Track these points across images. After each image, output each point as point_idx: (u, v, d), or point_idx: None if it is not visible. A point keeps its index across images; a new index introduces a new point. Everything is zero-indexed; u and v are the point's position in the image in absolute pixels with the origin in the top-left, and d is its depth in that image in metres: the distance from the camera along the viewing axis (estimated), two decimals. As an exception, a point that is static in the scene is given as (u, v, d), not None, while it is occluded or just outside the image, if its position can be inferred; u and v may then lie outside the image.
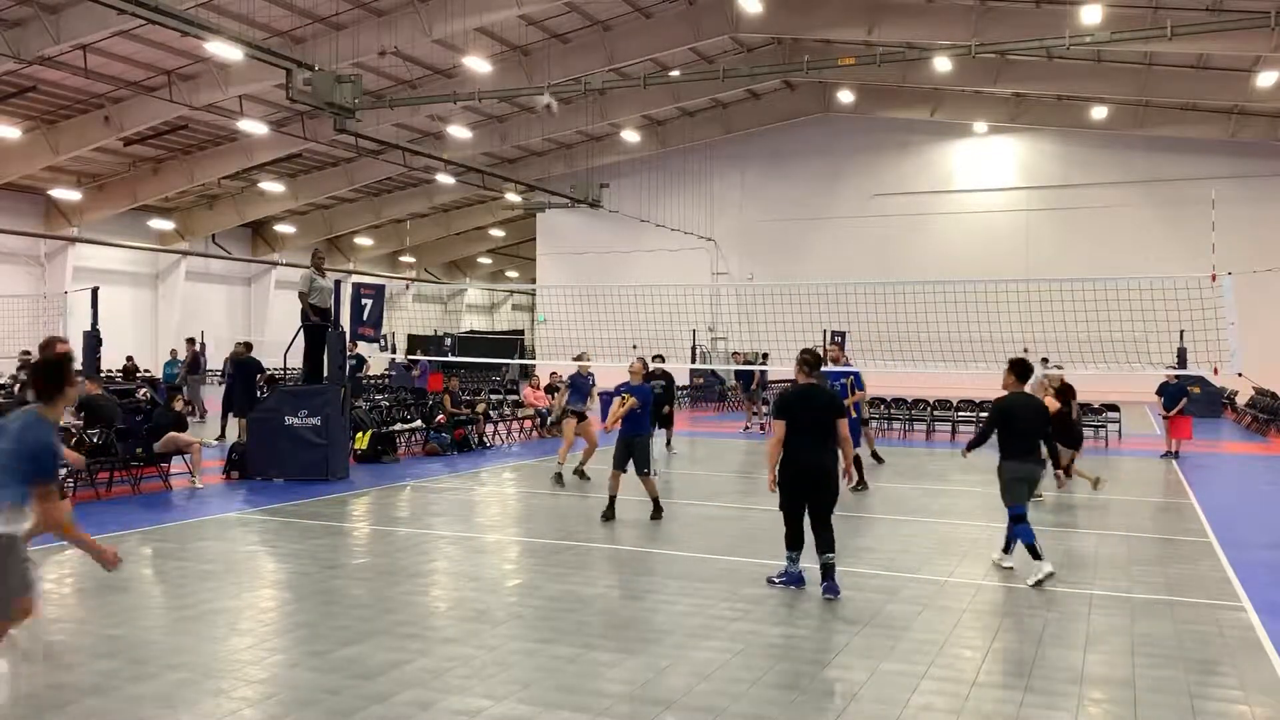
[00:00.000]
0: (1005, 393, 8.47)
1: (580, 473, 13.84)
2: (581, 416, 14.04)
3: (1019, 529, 8.08)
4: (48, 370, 4.85)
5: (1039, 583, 7.77)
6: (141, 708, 5.14)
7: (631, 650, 6.17)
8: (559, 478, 13.52)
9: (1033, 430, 8.29)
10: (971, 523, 10.72)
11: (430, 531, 10.08)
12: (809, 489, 7.51)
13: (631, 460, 10.64)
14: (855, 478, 12.15)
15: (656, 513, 10.76)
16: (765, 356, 27.51)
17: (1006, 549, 8.51)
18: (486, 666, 5.82)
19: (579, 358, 14.49)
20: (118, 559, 4.99)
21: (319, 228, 46.38)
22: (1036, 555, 7.88)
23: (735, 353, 25.98)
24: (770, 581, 7.76)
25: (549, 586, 7.74)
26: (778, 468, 7.58)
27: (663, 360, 17.98)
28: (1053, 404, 12.06)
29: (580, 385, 14.22)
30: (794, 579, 7.74)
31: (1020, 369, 8.53)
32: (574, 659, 5.96)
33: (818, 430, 7.49)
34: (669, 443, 17.69)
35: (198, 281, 43.13)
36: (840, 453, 7.64)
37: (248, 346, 18.45)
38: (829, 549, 7.47)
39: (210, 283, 44.28)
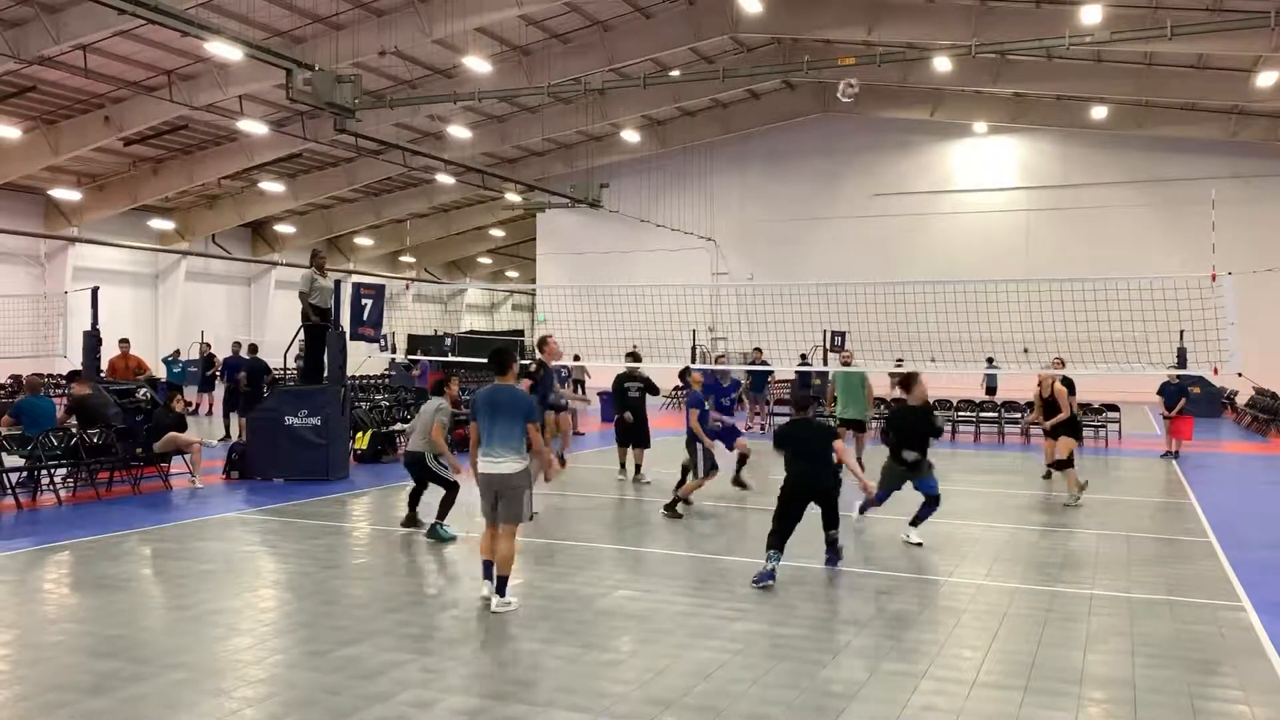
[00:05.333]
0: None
1: (560, 458, 14.40)
2: (558, 408, 14.51)
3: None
4: None
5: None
6: (141, 708, 5.14)
7: (631, 650, 6.17)
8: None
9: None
10: (972, 523, 10.72)
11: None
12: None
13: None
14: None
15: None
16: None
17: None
18: (486, 666, 5.82)
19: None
20: None
21: (319, 228, 46.38)
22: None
23: (756, 348, 25.81)
24: None
25: (549, 586, 7.74)
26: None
27: (637, 360, 14.51)
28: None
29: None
30: None
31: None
32: (574, 659, 5.96)
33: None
34: (639, 468, 14.10)
35: (198, 281, 43.12)
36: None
37: (236, 347, 18.69)
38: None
39: (210, 283, 44.27)
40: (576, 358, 25.78)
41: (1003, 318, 15.67)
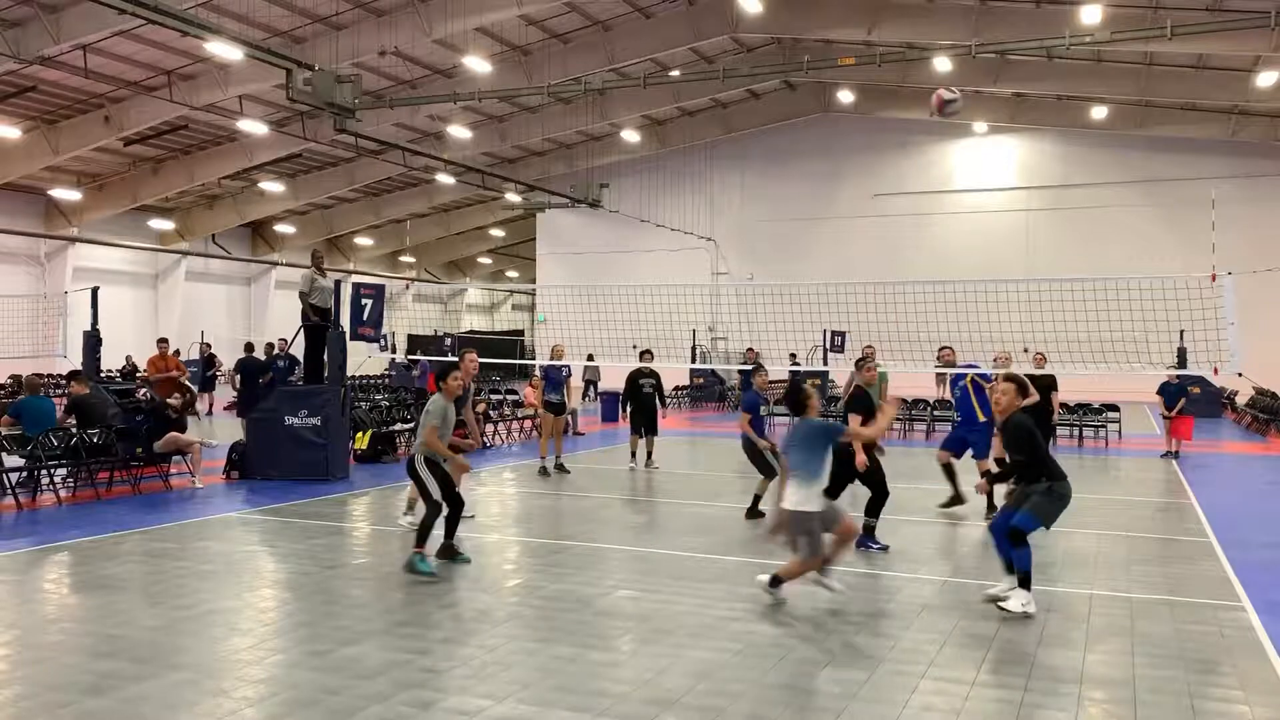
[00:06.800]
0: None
1: (560, 466, 14.71)
2: (559, 409, 14.78)
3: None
4: None
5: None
6: (141, 708, 5.14)
7: (631, 650, 6.17)
8: (544, 471, 14.40)
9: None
10: (972, 523, 10.72)
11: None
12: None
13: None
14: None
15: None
16: (793, 358, 27.42)
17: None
18: (486, 666, 5.82)
19: (553, 350, 15.31)
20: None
21: (319, 228, 46.39)
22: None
23: (749, 348, 25.89)
24: None
25: (549, 586, 7.74)
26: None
27: (651, 357, 15.75)
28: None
29: (553, 377, 14.86)
30: None
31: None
32: (574, 659, 5.96)
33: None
34: (650, 456, 15.44)
35: (198, 281, 43.14)
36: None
37: (269, 348, 18.73)
38: None
39: (210, 283, 44.29)
40: (590, 357, 25.84)
41: (1003, 318, 15.67)
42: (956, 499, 11.23)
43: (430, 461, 8.26)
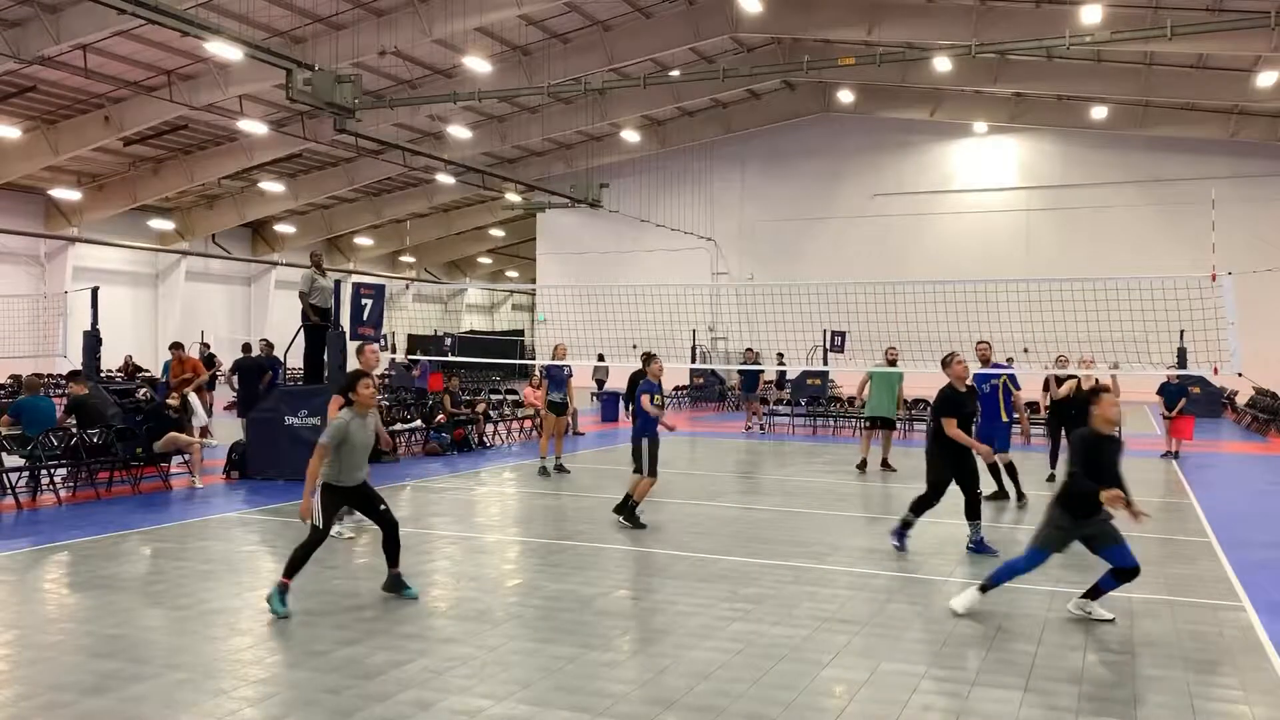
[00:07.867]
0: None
1: (560, 466, 14.71)
2: (562, 409, 14.70)
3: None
4: None
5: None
6: (141, 708, 5.14)
7: (631, 650, 6.17)
8: (544, 470, 14.36)
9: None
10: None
11: (430, 531, 10.07)
12: None
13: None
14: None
15: (620, 507, 10.48)
16: (781, 356, 27.49)
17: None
18: (486, 666, 5.82)
19: (555, 350, 15.16)
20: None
21: (319, 228, 46.40)
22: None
23: (748, 349, 25.88)
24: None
25: (549, 586, 7.74)
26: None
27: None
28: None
29: (556, 375, 14.73)
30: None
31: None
32: (574, 659, 5.96)
33: None
34: None
35: (198, 281, 43.14)
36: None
37: (268, 348, 18.74)
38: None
39: (210, 283, 44.29)
40: (601, 357, 25.88)
41: (1003, 318, 15.67)
42: (1002, 493, 12.04)
43: (328, 486, 7.14)
